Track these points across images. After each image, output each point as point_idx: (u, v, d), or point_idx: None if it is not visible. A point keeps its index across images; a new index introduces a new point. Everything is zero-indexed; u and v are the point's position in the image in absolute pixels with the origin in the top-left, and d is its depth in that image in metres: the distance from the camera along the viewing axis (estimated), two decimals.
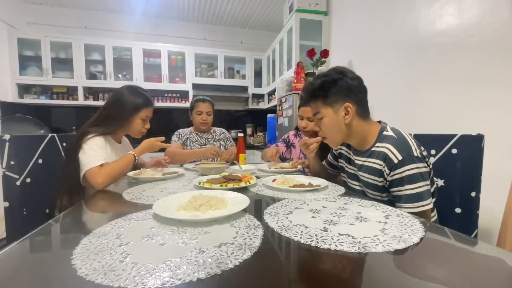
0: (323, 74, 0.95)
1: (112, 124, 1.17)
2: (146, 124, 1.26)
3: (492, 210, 1.08)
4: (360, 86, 0.93)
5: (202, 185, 0.95)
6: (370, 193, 0.96)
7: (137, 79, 3.28)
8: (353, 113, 0.92)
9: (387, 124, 0.97)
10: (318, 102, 0.95)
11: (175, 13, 3.53)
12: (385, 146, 0.87)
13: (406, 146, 0.84)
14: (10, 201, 1.03)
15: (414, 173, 0.81)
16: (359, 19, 2.15)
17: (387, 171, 0.86)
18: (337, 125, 0.94)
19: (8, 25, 2.88)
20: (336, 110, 0.93)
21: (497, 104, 1.18)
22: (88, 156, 1.04)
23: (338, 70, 0.94)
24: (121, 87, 1.23)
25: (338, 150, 1.16)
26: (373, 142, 0.93)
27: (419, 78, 1.58)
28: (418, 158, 0.82)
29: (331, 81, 0.92)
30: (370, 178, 0.93)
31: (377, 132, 0.94)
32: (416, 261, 0.45)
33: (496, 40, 1.17)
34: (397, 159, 0.83)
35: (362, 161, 0.96)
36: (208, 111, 1.86)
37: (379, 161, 0.88)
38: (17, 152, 1.05)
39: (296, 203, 0.77)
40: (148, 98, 1.24)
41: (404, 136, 0.88)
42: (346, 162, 1.09)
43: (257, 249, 0.47)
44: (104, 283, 0.37)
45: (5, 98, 2.83)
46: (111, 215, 0.69)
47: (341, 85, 0.91)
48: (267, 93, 3.65)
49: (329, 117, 0.94)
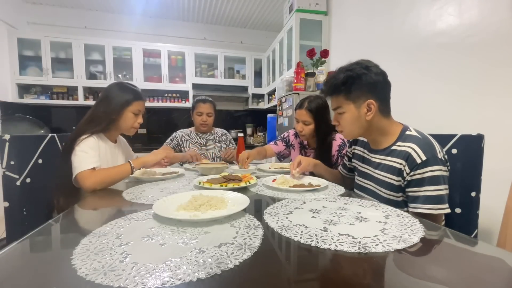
0: (346, 68, 0.91)
1: (104, 120, 1.15)
2: (138, 118, 1.24)
3: (492, 210, 1.08)
4: (384, 82, 0.89)
5: (202, 185, 0.95)
6: (384, 192, 0.93)
7: (137, 79, 3.28)
8: (376, 110, 0.89)
9: (409, 125, 0.94)
10: (340, 97, 0.92)
11: (175, 13, 3.53)
12: (409, 146, 0.85)
13: (431, 148, 0.83)
14: (10, 201, 1.03)
15: (436, 175, 0.80)
16: (359, 19, 2.15)
17: (407, 171, 0.84)
18: (358, 121, 0.92)
19: (8, 25, 2.88)
20: (358, 106, 0.90)
21: (497, 104, 1.18)
22: (79, 159, 1.02)
23: (363, 64, 0.89)
24: (110, 84, 1.22)
25: (352, 150, 1.14)
26: (393, 140, 0.91)
27: (419, 78, 1.58)
28: (441, 161, 0.81)
29: (356, 76, 0.88)
30: (386, 176, 0.91)
31: (398, 131, 0.92)
32: (416, 261, 0.45)
33: (496, 40, 1.17)
34: (421, 159, 0.81)
35: (380, 159, 0.94)
36: (209, 112, 1.85)
37: (399, 160, 0.87)
38: (17, 152, 1.05)
39: (296, 203, 0.77)
40: (138, 92, 1.23)
41: (429, 137, 0.87)
42: (360, 161, 1.07)
43: (257, 249, 0.47)
44: (104, 283, 0.37)
45: (5, 98, 2.83)
46: (111, 215, 0.69)
47: (366, 81, 0.87)
48: (267, 93, 3.65)
49: (350, 113, 0.91)
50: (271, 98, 3.45)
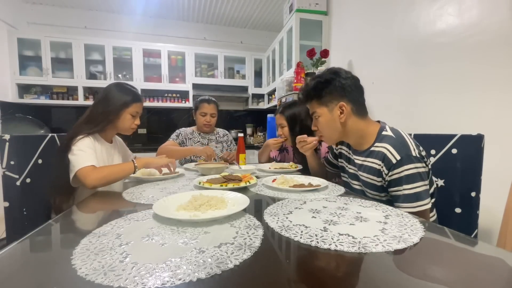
0: (317, 75, 0.99)
1: (102, 121, 1.14)
2: (136, 120, 1.23)
3: (492, 210, 1.08)
4: (354, 85, 0.94)
5: (202, 185, 0.95)
6: (370, 192, 0.96)
7: (137, 79, 3.28)
8: (349, 112, 0.93)
9: (386, 124, 0.97)
10: (314, 102, 0.99)
11: (175, 13, 3.52)
12: (384, 146, 0.88)
13: (405, 146, 0.85)
14: (10, 201, 1.03)
15: (412, 173, 0.82)
16: (359, 19, 2.15)
17: (385, 171, 0.86)
18: (332, 124, 0.96)
19: (8, 25, 2.88)
20: (331, 109, 0.95)
21: (497, 104, 1.18)
22: (78, 157, 1.02)
23: (332, 70, 0.96)
24: (109, 85, 1.21)
25: (339, 149, 1.16)
26: (372, 141, 0.94)
27: (419, 78, 1.58)
28: (416, 158, 0.83)
29: (324, 81, 0.95)
30: (369, 178, 0.93)
31: (376, 132, 0.94)
32: (416, 261, 0.45)
33: (496, 40, 1.17)
34: (395, 159, 0.83)
35: (361, 161, 0.97)
36: (213, 112, 1.84)
37: (377, 161, 0.89)
38: (17, 152, 1.05)
39: (296, 203, 0.77)
40: (136, 93, 1.23)
41: (403, 136, 0.88)
42: (346, 161, 1.10)
43: (257, 249, 0.47)
44: (104, 283, 0.37)
45: (5, 98, 2.83)
46: (111, 215, 0.69)
47: (335, 85, 0.93)
48: (267, 93, 3.65)
49: (324, 116, 0.97)
50: (271, 98, 3.45)
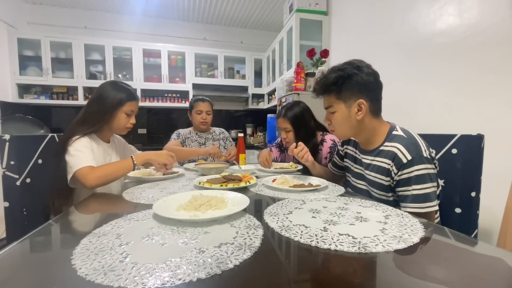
0: (338, 68, 0.92)
1: (97, 120, 1.13)
2: (131, 119, 1.22)
3: (492, 210, 1.08)
4: (375, 82, 0.90)
5: (202, 185, 0.95)
6: (376, 192, 0.94)
7: (137, 79, 3.28)
8: (366, 110, 0.90)
9: (396, 124, 0.95)
10: (332, 96, 0.93)
11: (175, 13, 3.52)
12: (395, 146, 0.86)
13: (416, 147, 0.83)
14: (10, 201, 1.02)
15: (422, 174, 0.81)
16: (359, 19, 2.15)
17: (395, 171, 0.85)
18: (348, 121, 0.93)
19: (8, 25, 2.88)
20: (349, 105, 0.91)
21: (497, 104, 1.18)
22: (75, 158, 1.01)
23: (355, 64, 0.90)
24: (103, 83, 1.20)
25: (344, 150, 1.15)
26: (382, 141, 0.92)
27: (419, 78, 1.58)
28: (427, 159, 0.82)
29: (346, 76, 0.88)
30: (376, 177, 0.92)
31: (386, 131, 0.93)
32: (416, 261, 0.45)
33: (496, 40, 1.17)
34: (406, 159, 0.82)
35: (369, 160, 0.95)
36: (208, 110, 1.87)
37: (387, 161, 0.87)
38: (17, 152, 1.05)
39: (296, 203, 0.77)
40: (131, 92, 1.21)
41: (414, 136, 0.87)
42: (352, 161, 1.08)
43: (257, 249, 0.47)
44: (104, 283, 0.37)
45: (5, 98, 2.83)
46: (111, 215, 0.69)
47: (356, 81, 0.88)
48: (267, 93, 3.65)
49: (341, 112, 0.93)
50: (271, 98, 3.45)
